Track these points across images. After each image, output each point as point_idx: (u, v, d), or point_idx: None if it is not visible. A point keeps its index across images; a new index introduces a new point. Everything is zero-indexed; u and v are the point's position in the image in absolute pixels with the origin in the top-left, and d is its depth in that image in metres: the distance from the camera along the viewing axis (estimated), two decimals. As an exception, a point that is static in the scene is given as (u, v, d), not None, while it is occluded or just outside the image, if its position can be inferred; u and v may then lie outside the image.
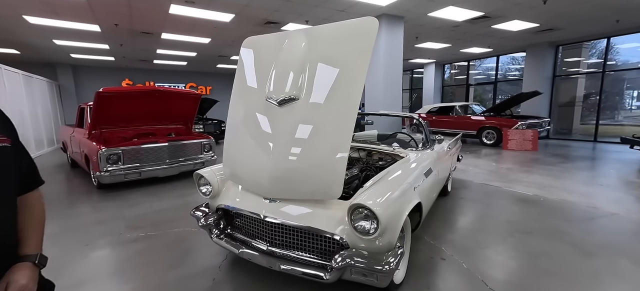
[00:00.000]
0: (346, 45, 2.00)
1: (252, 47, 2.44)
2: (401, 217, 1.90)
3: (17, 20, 5.99)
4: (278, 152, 2.01)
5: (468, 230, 3.18)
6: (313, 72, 2.03)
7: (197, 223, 2.30)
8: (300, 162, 1.94)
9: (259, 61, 2.34)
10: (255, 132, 2.16)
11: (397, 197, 1.91)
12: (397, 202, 1.90)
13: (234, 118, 2.36)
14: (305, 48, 2.11)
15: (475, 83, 14.06)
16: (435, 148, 3.25)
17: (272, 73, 2.18)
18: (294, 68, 2.09)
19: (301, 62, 2.08)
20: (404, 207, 1.97)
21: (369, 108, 7.13)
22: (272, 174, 2.00)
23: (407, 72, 16.75)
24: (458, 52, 11.59)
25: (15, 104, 7.38)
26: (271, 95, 2.10)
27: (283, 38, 2.26)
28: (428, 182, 2.61)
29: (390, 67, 6.75)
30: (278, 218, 1.94)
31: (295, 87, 2.04)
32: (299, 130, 1.98)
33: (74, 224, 3.42)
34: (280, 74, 2.14)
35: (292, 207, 1.97)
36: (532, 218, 3.46)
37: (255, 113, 2.20)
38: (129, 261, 2.61)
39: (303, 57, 2.08)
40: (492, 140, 9.00)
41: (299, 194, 1.96)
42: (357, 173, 2.60)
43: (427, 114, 10.85)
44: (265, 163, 2.04)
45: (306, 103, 1.99)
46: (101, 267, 2.53)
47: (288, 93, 2.03)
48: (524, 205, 3.93)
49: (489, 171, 5.80)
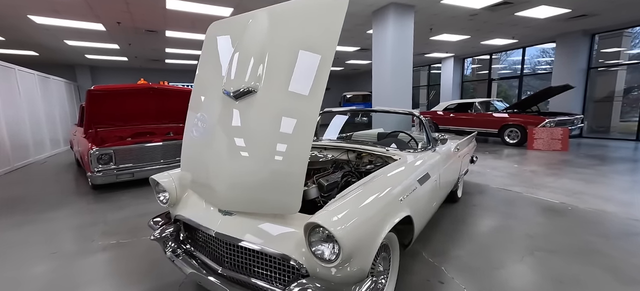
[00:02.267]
0: (311, 26, 1.63)
1: (217, 31, 2.13)
2: (376, 237, 1.51)
3: (23, 20, 6.09)
4: (233, 155, 1.68)
5: (477, 245, 2.71)
6: (274, 58, 1.68)
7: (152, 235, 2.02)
8: (255, 168, 1.60)
9: (222, 47, 2.02)
10: (211, 130, 1.84)
11: (370, 212, 1.53)
12: (371, 219, 1.51)
13: (193, 114, 2.06)
14: (267, 30, 1.76)
15: (499, 78, 13.10)
16: (437, 150, 2.80)
17: (232, 61, 1.85)
18: (255, 54, 1.75)
19: (262, 46, 1.74)
20: (382, 224, 1.58)
21: (377, 105, 6.67)
22: (227, 182, 1.67)
23: (424, 68, 15.98)
24: (478, 45, 10.79)
25: (29, 104, 7.57)
26: (228, 87, 1.77)
27: (248, 19, 1.92)
28: (424, 189, 2.19)
29: (399, 61, 6.25)
30: (230, 235, 1.61)
31: (254, 77, 1.70)
32: (255, 128, 1.64)
33: (51, 228, 3.28)
34: (239, 62, 1.81)
35: (248, 223, 1.63)
36: (559, 232, 2.93)
37: (211, 108, 1.89)
38: (89, 273, 2.38)
39: (263, 41, 1.74)
40: (516, 139, 8.24)
41: (255, 207, 1.62)
42: (338, 179, 2.23)
43: (444, 111, 10.19)
44: (219, 168, 1.72)
45: (265, 97, 1.65)
46: (55, 281, 2.32)
47: (245, 85, 1.70)
48: (549, 215, 3.37)
49: (509, 174, 5.19)
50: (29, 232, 3.17)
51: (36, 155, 7.66)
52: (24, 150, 7.10)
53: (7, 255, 2.68)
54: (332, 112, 3.85)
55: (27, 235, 3.11)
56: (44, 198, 4.35)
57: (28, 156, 7.26)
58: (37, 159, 7.62)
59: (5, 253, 2.70)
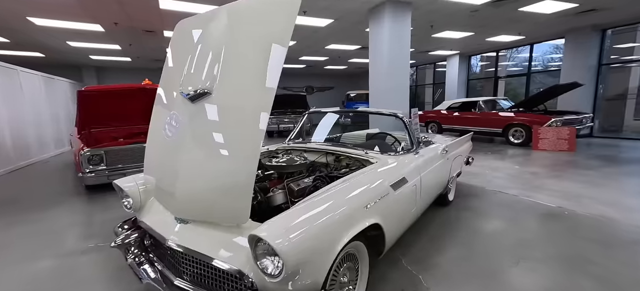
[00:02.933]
0: (264, 23, 1.55)
1: (183, 29, 2.06)
2: (331, 248, 1.42)
3: (23, 22, 6.21)
4: (185, 160, 1.62)
5: (462, 252, 2.58)
6: (229, 58, 1.60)
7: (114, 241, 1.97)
8: (204, 175, 1.53)
9: (184, 46, 1.96)
10: (169, 133, 1.78)
11: (324, 222, 1.44)
12: (325, 229, 1.42)
13: (155, 116, 2.01)
14: (224, 28, 1.69)
15: (505, 75, 12.74)
16: (421, 152, 2.68)
17: (191, 61, 1.79)
18: (212, 53, 1.68)
19: (218, 45, 1.66)
20: (340, 234, 1.49)
21: (374, 104, 6.53)
22: (180, 188, 1.61)
23: (429, 66, 15.69)
24: (484, 42, 10.50)
25: (33, 105, 7.72)
26: (185, 88, 1.71)
27: (211, 16, 1.85)
28: (399, 194, 2.08)
29: (396, 60, 6.08)
30: (182, 245, 1.55)
31: (209, 77, 1.63)
32: (206, 132, 1.57)
33: (37, 230, 3.29)
34: (197, 62, 1.75)
35: (203, 232, 1.56)
36: (551, 239, 2.77)
37: (171, 110, 1.82)
38: (57, 280, 2.36)
39: (219, 40, 1.67)
40: (521, 139, 7.97)
41: (205, 216, 1.56)
42: (310, 184, 2.14)
43: (447, 111, 9.96)
44: (173, 174, 1.66)
45: (218, 99, 1.58)
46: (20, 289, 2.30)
47: (201, 86, 1.63)
48: (543, 220, 3.21)
49: (508, 175, 5.00)
50: (16, 234, 3.18)
51: (40, 155, 7.81)
52: (26, 150, 7.24)
53: (-14, 256, 2.69)
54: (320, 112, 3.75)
55: (13, 237, 3.12)
56: (37, 199, 4.40)
57: (31, 156, 7.40)
58: (41, 158, 7.76)
59: (-15, 255, 2.72)
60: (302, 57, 11.90)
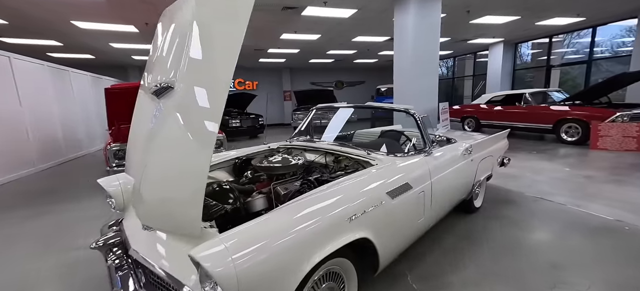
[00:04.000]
0: (222, 10, 1.36)
1: (163, 19, 1.95)
2: (294, 271, 1.21)
3: (68, 26, 6.76)
4: (149, 162, 1.50)
5: (482, 271, 2.19)
6: (190, 49, 1.44)
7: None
8: (162, 179, 1.40)
9: (162, 36, 1.84)
10: (140, 131, 1.69)
11: (286, 241, 1.21)
12: (287, 249, 1.20)
13: (135, 112, 1.93)
14: (190, 16, 1.53)
15: (560, 64, 11.25)
16: (435, 153, 2.32)
17: (161, 52, 1.66)
18: (178, 43, 1.54)
19: (184, 35, 1.51)
20: (308, 253, 1.27)
21: (398, 100, 6.06)
22: (144, 192, 1.50)
23: (469, 56, 14.46)
24: (533, 26, 9.30)
25: (82, 103, 8.47)
26: (153, 82, 1.59)
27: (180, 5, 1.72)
28: (397, 204, 1.79)
29: (422, 50, 5.54)
30: (140, 255, 1.43)
31: (174, 69, 1.49)
32: (163, 131, 1.43)
33: (59, 221, 3.49)
34: (166, 52, 1.61)
35: (166, 242, 1.44)
36: (600, 262, 2.25)
37: (143, 106, 1.73)
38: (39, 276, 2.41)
39: (185, 29, 1.51)
40: (575, 136, 6.95)
41: (161, 224, 1.43)
42: (298, 187, 1.93)
43: (487, 104, 9.06)
44: (139, 176, 1.56)
45: (181, 94, 1.43)
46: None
47: (164, 80, 1.49)
48: (595, 235, 2.65)
49: (555, 179, 4.31)
50: (41, 225, 3.41)
51: (89, 148, 8.57)
52: (77, 143, 7.97)
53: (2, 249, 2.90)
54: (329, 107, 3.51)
55: (37, 227, 3.34)
56: (73, 190, 4.75)
57: (81, 148, 8.14)
58: (89, 151, 8.52)
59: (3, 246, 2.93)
60: (329, 51, 11.61)
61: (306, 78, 16.74)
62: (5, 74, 5.69)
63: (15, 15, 6.21)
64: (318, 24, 7.46)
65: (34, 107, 6.28)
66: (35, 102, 6.33)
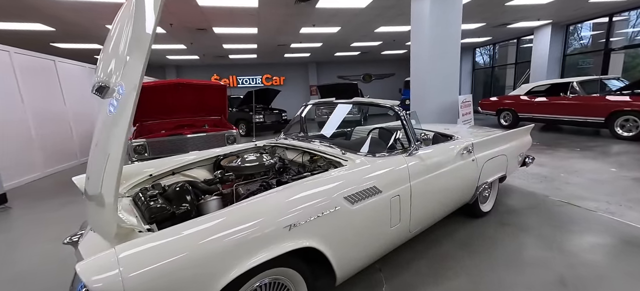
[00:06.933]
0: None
1: None
2: (207, 285, 1.13)
3: (103, 30, 7.36)
4: (88, 162, 1.52)
5: (472, 282, 1.94)
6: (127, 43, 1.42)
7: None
8: (88, 179, 1.41)
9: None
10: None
11: (198, 250, 1.14)
12: (197, 259, 1.13)
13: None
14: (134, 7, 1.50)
15: (622, 47, 9.72)
16: (420, 153, 2.08)
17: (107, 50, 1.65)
18: (123, 37, 1.52)
19: (127, 27, 1.49)
20: (226, 264, 1.19)
21: (415, 93, 5.66)
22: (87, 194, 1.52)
23: (512, 41, 13.13)
24: (586, 4, 8.12)
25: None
26: (94, 79, 1.59)
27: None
28: (358, 209, 1.63)
29: (441, 37, 5.08)
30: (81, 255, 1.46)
31: (117, 65, 1.47)
32: (100, 129, 1.44)
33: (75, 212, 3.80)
34: (114, 44, 1.59)
35: (103, 244, 1.45)
36: (627, 281, 1.87)
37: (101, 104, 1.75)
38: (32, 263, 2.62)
39: (127, 21, 1.49)
40: (633, 131, 5.96)
41: (92, 224, 1.44)
42: (258, 188, 1.85)
43: (528, 95, 8.15)
44: (89, 176, 1.59)
45: (109, 94, 1.41)
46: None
47: (102, 78, 1.49)
48: (629, 251, 2.22)
49: (593, 181, 3.72)
50: (62, 215, 3.74)
51: (126, 143, 9.32)
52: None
53: (23, 233, 3.22)
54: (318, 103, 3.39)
55: (59, 217, 3.67)
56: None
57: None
58: (126, 146, 9.27)
59: (24, 231, 3.26)
60: (353, 43, 11.28)
61: (333, 72, 16.52)
62: (51, 77, 6.35)
63: (58, 22, 6.88)
64: (335, 16, 7.24)
65: (76, 106, 6.95)
66: (77, 101, 7.00)
